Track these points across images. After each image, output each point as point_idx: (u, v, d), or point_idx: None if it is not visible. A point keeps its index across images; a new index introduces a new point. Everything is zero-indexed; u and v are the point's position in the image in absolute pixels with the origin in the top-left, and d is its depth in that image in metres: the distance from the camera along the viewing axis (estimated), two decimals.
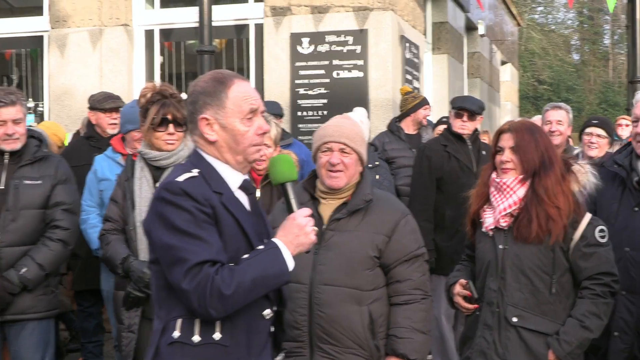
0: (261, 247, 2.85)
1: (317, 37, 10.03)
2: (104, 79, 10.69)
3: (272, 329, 3.04)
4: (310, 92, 10.03)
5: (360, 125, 4.18)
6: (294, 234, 2.86)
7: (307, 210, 2.93)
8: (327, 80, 9.99)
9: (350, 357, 3.80)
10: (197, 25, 10.48)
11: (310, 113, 10.00)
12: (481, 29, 15.99)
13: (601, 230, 4.02)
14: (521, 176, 4.03)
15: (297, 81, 10.08)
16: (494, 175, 4.11)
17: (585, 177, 4.08)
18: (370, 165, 6.49)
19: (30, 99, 11.47)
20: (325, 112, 9.77)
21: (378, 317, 3.85)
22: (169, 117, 4.40)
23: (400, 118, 8.12)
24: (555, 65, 39.72)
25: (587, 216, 4.05)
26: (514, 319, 3.97)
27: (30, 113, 11.24)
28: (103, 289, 5.76)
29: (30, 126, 10.99)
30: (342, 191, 3.94)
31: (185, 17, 10.72)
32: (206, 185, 2.84)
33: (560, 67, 40.60)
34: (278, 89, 10.13)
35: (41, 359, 4.81)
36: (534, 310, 3.96)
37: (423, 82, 11.79)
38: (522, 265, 3.98)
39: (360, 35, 9.90)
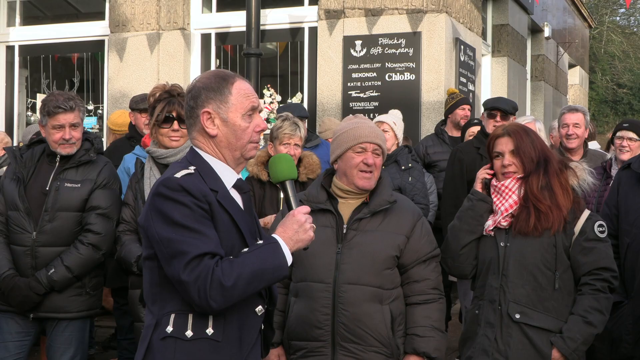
0: (260, 242, 2.90)
1: (370, 40, 10.00)
2: (161, 82, 10.79)
3: (262, 326, 3.07)
4: (362, 95, 10.01)
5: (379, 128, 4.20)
6: (293, 230, 2.91)
7: (306, 208, 2.98)
8: (379, 83, 9.96)
9: (372, 355, 3.83)
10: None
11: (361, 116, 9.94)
12: (547, 31, 15.74)
13: (600, 225, 4.01)
14: (519, 176, 4.02)
15: (349, 84, 10.07)
16: (493, 180, 4.11)
17: (582, 174, 4.06)
18: (403, 167, 6.45)
19: (91, 102, 11.74)
20: (377, 115, 9.71)
21: (397, 316, 3.89)
22: (174, 114, 4.55)
23: (444, 121, 8.03)
24: (637, 68, 38.72)
25: (586, 212, 4.04)
26: (517, 316, 3.96)
27: (90, 115, 11.51)
28: None
29: (92, 128, 11.34)
30: (362, 191, 3.97)
31: (241, 21, 10.77)
32: (202, 182, 2.89)
33: None
34: (330, 91, 10.14)
35: (71, 357, 4.91)
36: (536, 307, 3.95)
37: (480, 85, 11.65)
38: (525, 261, 3.97)
39: (413, 38, 9.84)
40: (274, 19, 10.71)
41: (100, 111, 11.58)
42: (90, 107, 11.71)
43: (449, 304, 7.88)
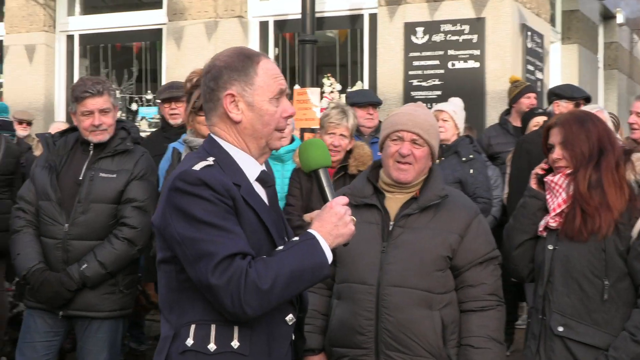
0: (296, 238, 2.58)
1: (431, 27, 9.64)
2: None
3: (293, 336, 2.76)
4: (424, 84, 9.66)
5: (433, 117, 3.82)
6: (332, 224, 2.59)
7: (344, 199, 2.66)
8: (442, 71, 9.59)
9: None
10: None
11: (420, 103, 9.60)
12: (619, 18, 15.13)
13: None
14: (569, 171, 3.59)
15: (410, 72, 9.73)
16: (547, 176, 3.70)
17: None
18: (464, 159, 6.09)
19: (149, 91, 11.63)
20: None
21: (450, 323, 3.51)
22: None
23: (509, 110, 7.64)
24: None
25: None
26: (560, 329, 3.52)
27: (150, 105, 11.41)
28: None
29: (152, 118, 11.22)
30: (410, 185, 3.62)
31: (300, 8, 10.53)
32: (224, 175, 2.58)
33: None
34: (391, 80, 9.81)
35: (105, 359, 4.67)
36: (583, 319, 3.49)
37: (548, 73, 11.18)
38: (571, 267, 3.52)
39: (477, 24, 9.44)
40: (333, 5, 10.42)
41: (158, 100, 11.43)
42: (150, 96, 11.59)
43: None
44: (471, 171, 6.05)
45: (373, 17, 10.16)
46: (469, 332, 3.51)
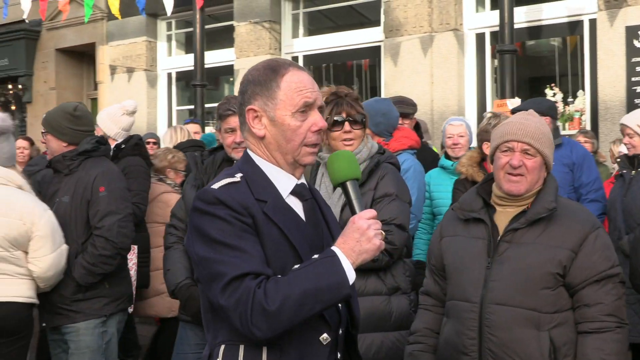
0: (316, 256, 2.46)
1: None
2: (435, 85, 10.64)
3: (339, 355, 2.60)
4: None
5: (546, 125, 3.52)
6: (355, 240, 2.42)
7: (369, 212, 2.47)
8: None
9: None
10: (528, 25, 10.17)
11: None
12: None
13: None
14: None
15: (633, 79, 9.17)
16: None
17: None
18: None
19: None
20: None
21: (562, 345, 3.25)
22: (343, 115, 4.15)
23: None
24: None
25: None
26: None
27: None
28: None
29: None
30: (522, 198, 3.41)
31: (517, 17, 10.26)
32: (248, 192, 2.51)
33: None
34: (613, 88, 9.29)
35: None
36: None
37: None
38: None
39: None
40: (550, 13, 10.06)
41: None
42: None
43: None
44: None
45: (592, 23, 9.71)
46: (584, 355, 3.25)
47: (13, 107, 15.92)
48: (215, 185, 2.52)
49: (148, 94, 13.86)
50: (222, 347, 2.52)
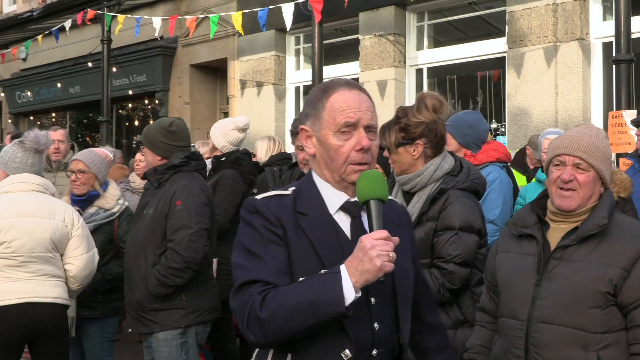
0: (323, 271, 2.49)
1: None
2: (559, 96, 10.33)
3: None
4: None
5: (603, 138, 3.40)
6: (359, 259, 2.42)
7: (381, 233, 2.45)
8: None
9: None
10: None
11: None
12: None
13: None
14: None
15: None
16: None
17: None
18: None
19: (494, 120, 11.60)
20: None
21: None
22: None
23: None
24: None
25: None
26: None
27: (497, 134, 11.37)
28: None
29: None
30: (576, 214, 3.31)
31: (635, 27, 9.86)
32: (290, 204, 2.61)
33: None
34: None
35: None
36: None
37: None
38: None
39: None
40: None
41: (502, 129, 11.37)
42: (494, 125, 11.56)
43: None
44: None
45: None
46: None
47: (151, 122, 16.53)
48: (260, 196, 2.67)
49: (276, 108, 14.11)
50: (256, 350, 2.68)
